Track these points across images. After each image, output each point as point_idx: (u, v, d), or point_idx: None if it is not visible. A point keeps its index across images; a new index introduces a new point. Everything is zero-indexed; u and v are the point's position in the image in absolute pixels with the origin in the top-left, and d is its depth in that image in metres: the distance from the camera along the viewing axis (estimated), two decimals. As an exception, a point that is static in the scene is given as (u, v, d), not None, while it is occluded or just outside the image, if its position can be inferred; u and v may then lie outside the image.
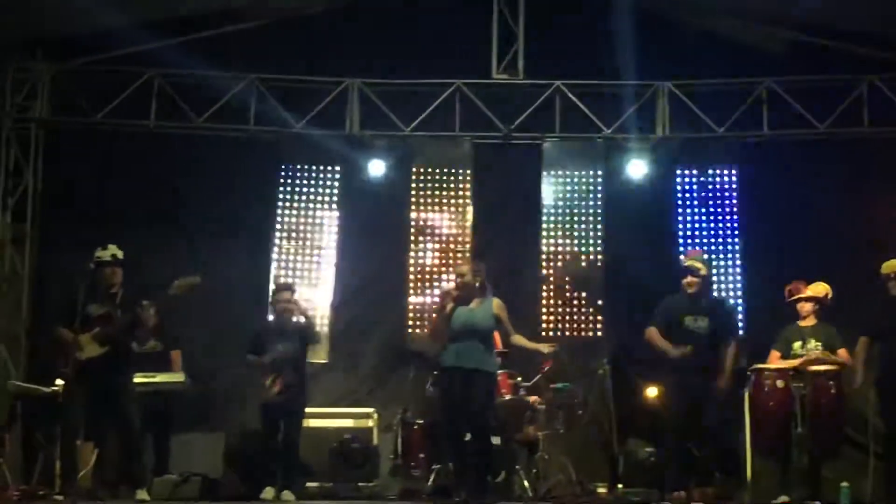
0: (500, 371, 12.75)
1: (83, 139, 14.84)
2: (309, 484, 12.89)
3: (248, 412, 13.10)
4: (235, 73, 14.75)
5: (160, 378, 12.37)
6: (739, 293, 15.09)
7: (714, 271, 14.30)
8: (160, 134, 14.78)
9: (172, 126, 14.77)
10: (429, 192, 15.45)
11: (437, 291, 14.09)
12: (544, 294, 15.25)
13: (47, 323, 12.00)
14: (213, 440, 13.25)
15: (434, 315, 11.69)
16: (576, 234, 15.33)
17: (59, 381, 11.73)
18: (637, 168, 14.95)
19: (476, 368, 11.13)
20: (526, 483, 12.58)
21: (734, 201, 15.32)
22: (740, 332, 14.21)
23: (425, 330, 12.89)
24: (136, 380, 11.71)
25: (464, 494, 11.05)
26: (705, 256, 13.04)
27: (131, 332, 11.35)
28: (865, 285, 12.00)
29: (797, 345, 12.14)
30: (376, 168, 15.10)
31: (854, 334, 11.88)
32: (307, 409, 12.61)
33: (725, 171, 15.36)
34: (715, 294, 14.32)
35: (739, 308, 15.02)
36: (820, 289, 12.31)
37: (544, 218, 15.32)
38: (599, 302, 15.20)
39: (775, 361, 12.23)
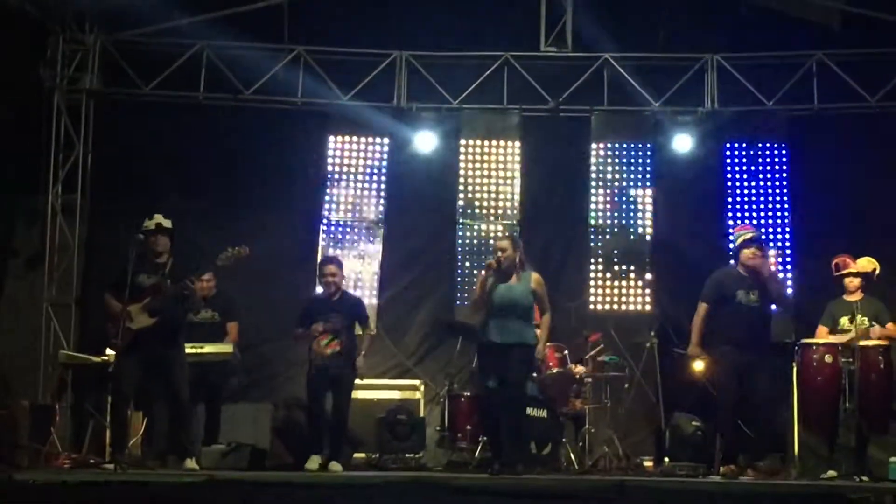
0: (548, 344, 12.79)
1: (133, 111, 14.91)
2: (356, 455, 12.96)
3: (296, 383, 13.14)
4: (283, 45, 14.78)
5: (208, 349, 12.43)
6: (789, 268, 15.00)
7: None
8: (209, 106, 14.85)
9: (221, 98, 14.83)
10: (477, 165, 15.43)
11: (483, 265, 14.09)
12: (592, 268, 15.21)
13: (98, 293, 12.05)
14: (261, 411, 13.31)
15: (476, 289, 11.70)
16: (624, 207, 15.28)
17: (109, 351, 11.83)
18: (683, 142, 14.90)
19: (515, 343, 11.18)
20: (572, 456, 12.62)
21: (784, 175, 15.22)
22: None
23: (468, 303, 12.87)
24: (187, 350, 11.80)
25: (497, 464, 11.12)
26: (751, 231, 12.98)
27: (182, 302, 11.39)
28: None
29: (844, 320, 12.09)
30: (425, 140, 15.11)
31: (902, 310, 11.84)
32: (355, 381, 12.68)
33: (775, 146, 15.26)
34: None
35: (789, 283, 14.95)
36: (867, 264, 12.25)
37: (592, 191, 15.29)
38: (648, 276, 15.16)
39: (822, 336, 12.20)
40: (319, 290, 12.69)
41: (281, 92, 14.86)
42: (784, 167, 15.21)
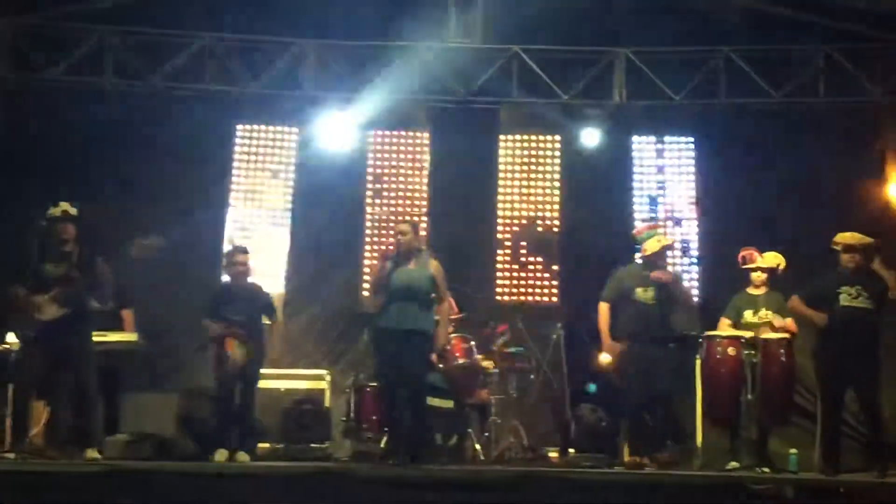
0: (453, 335, 12.82)
1: (38, 96, 14.69)
2: (261, 445, 12.87)
3: (201, 373, 13.03)
4: (193, 31, 14.64)
5: (113, 337, 12.31)
6: (694, 260, 15.13)
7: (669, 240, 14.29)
8: (116, 92, 14.67)
9: (128, 84, 14.66)
10: (385, 155, 15.41)
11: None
12: (500, 258, 15.26)
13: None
14: (166, 401, 13.18)
15: (373, 275, 11.72)
16: (532, 199, 15.33)
17: (10, 339, 11.66)
18: (591, 135, 14.96)
19: (412, 329, 11.19)
20: (477, 446, 12.62)
21: (690, 169, 15.36)
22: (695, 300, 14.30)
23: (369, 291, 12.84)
24: (90, 339, 11.69)
25: (399, 455, 11.13)
26: (658, 230, 13.09)
27: (91, 292, 11.25)
28: (819, 255, 12.04)
29: (748, 313, 12.23)
30: (336, 129, 15.05)
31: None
32: (261, 371, 12.61)
33: (682, 139, 15.41)
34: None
35: (695, 276, 15.10)
36: (773, 259, 12.40)
37: (501, 183, 15.32)
38: (555, 267, 15.23)
39: (725, 329, 12.32)
40: (226, 278, 12.60)
41: (189, 79, 14.71)
42: (691, 160, 15.35)
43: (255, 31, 14.72)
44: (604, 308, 12.06)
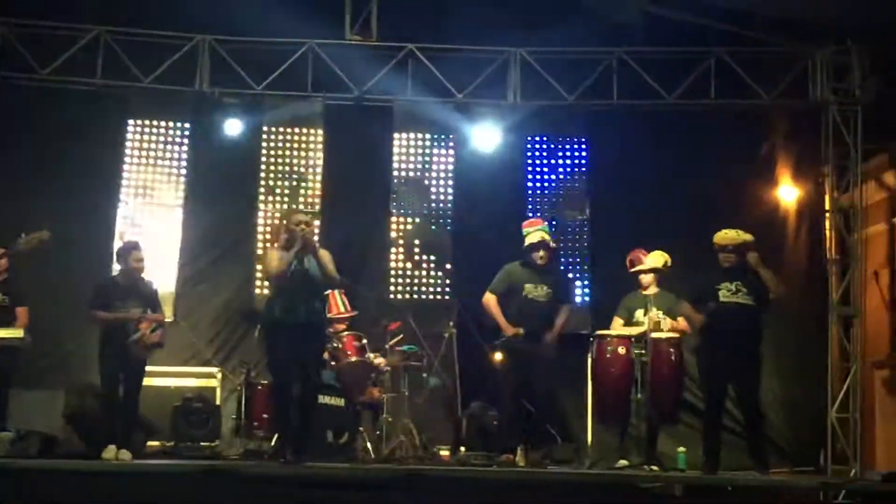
0: (346, 332, 12.82)
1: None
2: (150, 443, 12.77)
3: (89, 370, 12.86)
4: (84, 25, 14.44)
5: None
6: (587, 261, 15.23)
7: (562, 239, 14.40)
8: (4, 85, 14.42)
9: (17, 77, 14.41)
10: (279, 152, 15.35)
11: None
12: (393, 256, 15.28)
13: None
14: (53, 397, 13.01)
15: (267, 265, 11.71)
16: (425, 197, 15.35)
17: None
18: (485, 134, 14.97)
19: (306, 322, 11.16)
20: (368, 445, 12.63)
21: (583, 169, 15.47)
22: (577, 300, 14.41)
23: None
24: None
25: (291, 455, 11.11)
26: (545, 226, 13.15)
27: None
28: (707, 254, 12.17)
29: (639, 313, 12.38)
30: (229, 126, 14.94)
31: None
32: (151, 368, 12.48)
33: (575, 140, 15.52)
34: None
35: (586, 275, 15.20)
36: (657, 259, 12.55)
37: (394, 181, 15.31)
38: (448, 266, 15.25)
39: (617, 329, 12.43)
40: (115, 272, 12.46)
41: (80, 73, 14.50)
42: (583, 161, 15.46)
43: (148, 25, 14.54)
44: (491, 298, 12.11)
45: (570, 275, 15.08)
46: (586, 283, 15.22)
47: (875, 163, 14.23)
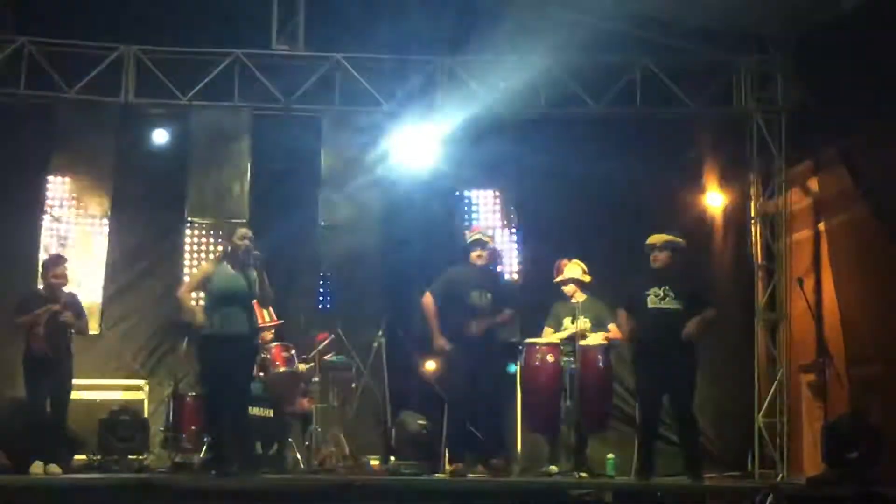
0: (274, 343, 12.79)
1: None
2: (77, 457, 12.66)
3: (15, 385, 12.75)
4: (7, 35, 14.31)
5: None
6: (516, 269, 15.24)
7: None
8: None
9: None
10: (206, 163, 15.23)
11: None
12: (322, 266, 15.20)
13: None
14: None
15: (196, 275, 11.71)
16: (354, 206, 15.29)
17: None
18: (416, 143, 14.93)
19: (237, 334, 11.15)
20: (298, 455, 12.61)
21: (509, 177, 15.48)
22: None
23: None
24: None
25: (221, 466, 11.07)
26: (490, 232, 13.20)
27: None
28: (638, 263, 12.24)
29: (567, 320, 12.44)
30: (158, 137, 14.85)
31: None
32: (77, 381, 12.40)
33: (505, 147, 15.51)
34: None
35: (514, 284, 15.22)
36: (574, 269, 12.63)
37: (323, 190, 15.26)
38: (376, 276, 15.20)
39: (547, 337, 12.47)
40: (40, 286, 12.37)
41: (2, 84, 14.36)
42: (512, 168, 15.46)
43: (73, 35, 14.42)
44: (429, 299, 12.05)
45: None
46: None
47: (800, 169, 14.38)
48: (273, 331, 13.19)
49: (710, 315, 11.76)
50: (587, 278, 12.67)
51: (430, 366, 13.78)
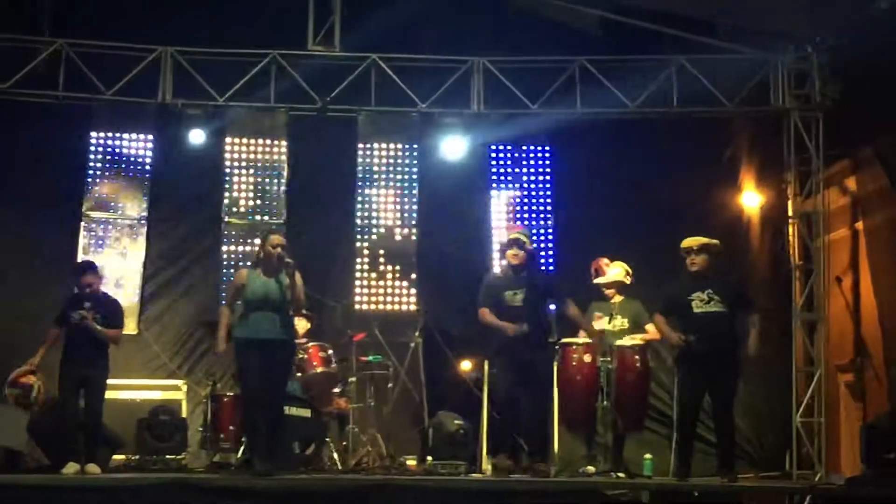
0: (311, 344, 12.81)
1: None
2: (116, 456, 12.71)
3: (53, 385, 12.81)
4: (44, 38, 14.39)
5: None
6: (551, 269, 15.22)
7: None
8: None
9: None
10: (243, 163, 15.30)
11: (248, 263, 13.94)
12: (358, 267, 15.22)
13: None
14: (16, 413, 12.91)
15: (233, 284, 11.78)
16: (390, 207, 15.33)
17: None
18: (449, 143, 14.97)
19: (274, 339, 11.20)
20: (335, 455, 12.61)
21: (547, 178, 15.48)
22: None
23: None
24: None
25: (264, 465, 11.10)
26: (529, 232, 13.20)
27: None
28: (674, 264, 12.21)
29: (604, 321, 12.38)
30: (190, 138, 14.90)
31: (661, 308, 12.15)
32: (116, 381, 12.46)
33: (538, 148, 15.53)
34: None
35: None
36: (617, 272, 12.58)
37: (359, 191, 15.30)
38: (413, 276, 15.22)
39: (584, 336, 12.44)
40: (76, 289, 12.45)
41: (41, 86, 14.44)
42: (547, 169, 15.47)
43: (111, 37, 14.49)
44: (483, 312, 11.97)
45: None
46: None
47: (837, 168, 14.34)
48: (307, 328, 13.20)
49: (757, 323, 11.74)
50: (629, 280, 12.64)
51: (467, 366, 13.81)
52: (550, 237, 15.36)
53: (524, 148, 15.53)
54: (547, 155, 15.51)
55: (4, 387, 12.40)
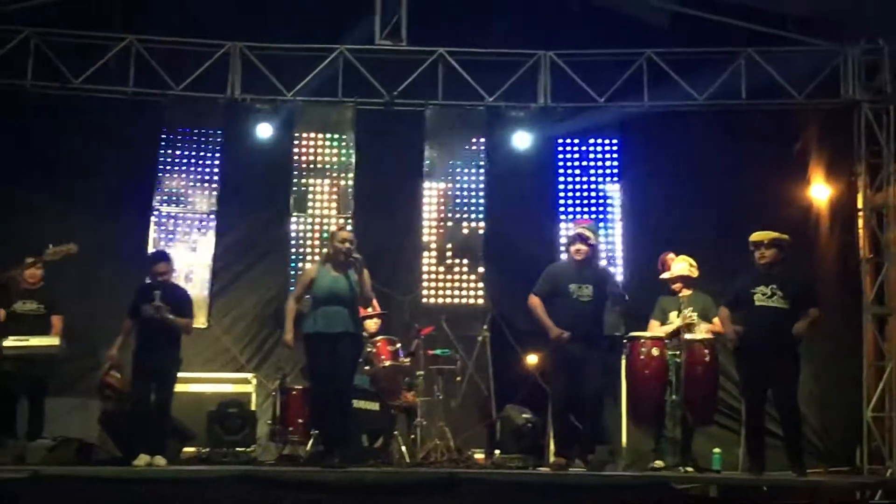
0: (379, 337, 12.85)
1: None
2: (186, 449, 12.81)
3: (125, 377, 12.92)
4: (115, 34, 14.53)
5: (34, 342, 12.21)
6: (620, 263, 15.18)
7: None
8: (37, 94, 14.51)
9: (49, 86, 14.49)
10: (311, 157, 15.35)
11: (317, 258, 14.02)
12: (425, 261, 15.23)
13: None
14: (88, 404, 13.08)
15: (301, 279, 11.85)
16: (457, 201, 15.33)
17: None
18: (517, 137, 14.99)
19: (342, 332, 11.26)
20: (403, 448, 12.64)
21: (615, 171, 15.43)
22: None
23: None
24: (9, 342, 11.66)
25: (333, 458, 11.15)
26: (597, 226, 13.16)
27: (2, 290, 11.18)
28: (742, 257, 12.14)
29: (673, 314, 12.35)
30: (259, 132, 15.00)
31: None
32: (186, 374, 12.55)
33: (606, 141, 15.46)
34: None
35: (619, 278, 15.12)
36: (681, 267, 12.51)
37: (426, 185, 15.31)
38: (480, 269, 15.21)
39: (653, 331, 12.40)
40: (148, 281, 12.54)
41: (112, 81, 14.58)
42: (615, 162, 15.41)
43: (180, 33, 14.61)
44: (533, 300, 11.90)
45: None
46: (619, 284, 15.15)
47: (908, 160, 14.18)
48: (378, 324, 13.24)
49: (814, 315, 11.63)
50: (695, 273, 12.55)
51: (534, 360, 13.80)
52: (618, 232, 15.26)
53: (591, 141, 15.45)
54: (614, 148, 15.41)
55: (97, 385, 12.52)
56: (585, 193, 15.37)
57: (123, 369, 12.23)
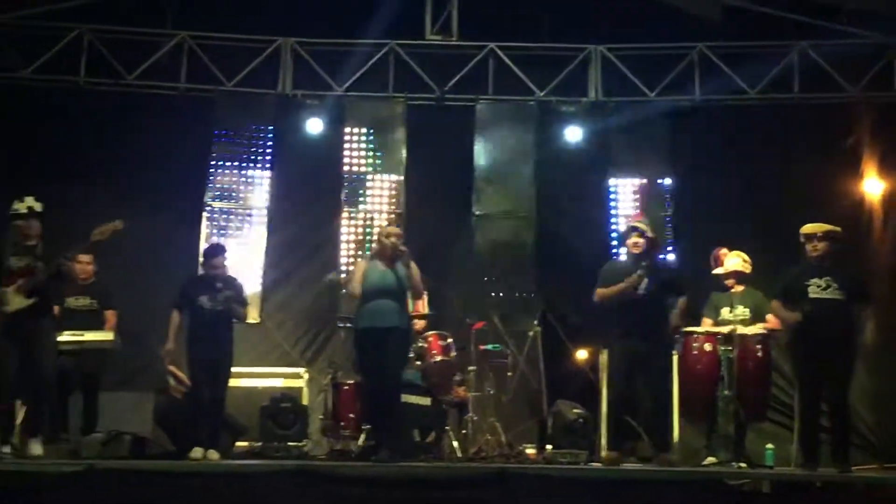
0: (431, 332, 12.85)
1: (12, 94, 14.63)
2: (238, 443, 12.86)
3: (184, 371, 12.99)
4: (167, 30, 14.61)
5: (88, 336, 12.29)
6: (672, 256, 15.13)
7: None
8: (90, 91, 14.61)
9: (102, 83, 14.60)
10: (361, 153, 15.38)
11: (367, 253, 14.04)
12: (476, 256, 15.22)
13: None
14: (142, 399, 13.14)
15: (354, 274, 11.87)
16: (508, 196, 15.31)
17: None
18: (573, 132, 14.97)
19: (392, 327, 11.27)
20: (455, 443, 12.63)
21: (666, 166, 15.36)
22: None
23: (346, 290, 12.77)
24: (64, 337, 11.72)
25: (385, 452, 11.17)
26: (645, 218, 13.11)
27: (56, 284, 11.22)
28: (794, 251, 12.06)
29: (725, 310, 12.27)
30: (310, 128, 15.05)
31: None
32: (238, 369, 12.59)
33: (657, 136, 15.39)
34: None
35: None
36: (734, 262, 12.42)
37: (476, 179, 15.30)
38: (531, 264, 15.19)
39: (706, 327, 12.34)
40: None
41: (164, 77, 14.68)
42: (665, 157, 15.34)
43: (231, 29, 14.68)
44: (599, 289, 11.86)
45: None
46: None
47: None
48: (425, 323, 13.24)
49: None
50: (749, 269, 12.47)
51: (584, 354, 13.77)
52: (670, 226, 15.22)
53: (643, 135, 15.39)
54: (665, 143, 15.35)
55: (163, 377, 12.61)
56: (637, 187, 15.31)
57: (180, 363, 12.29)
